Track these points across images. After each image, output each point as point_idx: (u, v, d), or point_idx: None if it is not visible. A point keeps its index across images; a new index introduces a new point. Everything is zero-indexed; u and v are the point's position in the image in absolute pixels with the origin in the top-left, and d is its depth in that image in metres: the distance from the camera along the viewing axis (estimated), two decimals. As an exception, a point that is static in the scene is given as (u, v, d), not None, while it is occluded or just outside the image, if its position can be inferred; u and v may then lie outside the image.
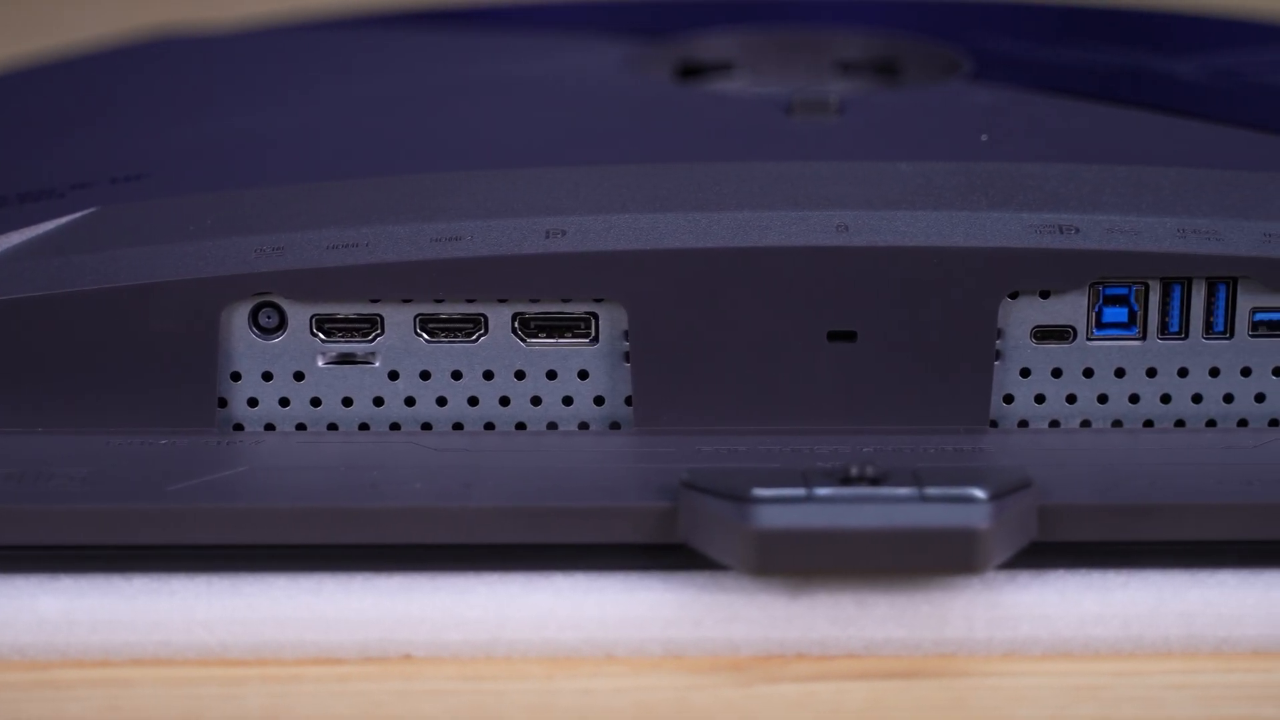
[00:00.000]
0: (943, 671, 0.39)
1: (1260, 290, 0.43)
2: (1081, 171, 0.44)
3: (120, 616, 0.39)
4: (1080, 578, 0.40)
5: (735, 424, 0.43)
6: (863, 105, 0.49)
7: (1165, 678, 0.39)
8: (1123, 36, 0.57)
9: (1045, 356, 0.43)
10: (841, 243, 0.42)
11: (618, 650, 0.39)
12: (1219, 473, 0.41)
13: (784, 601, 0.39)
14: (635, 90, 0.51)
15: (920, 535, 0.38)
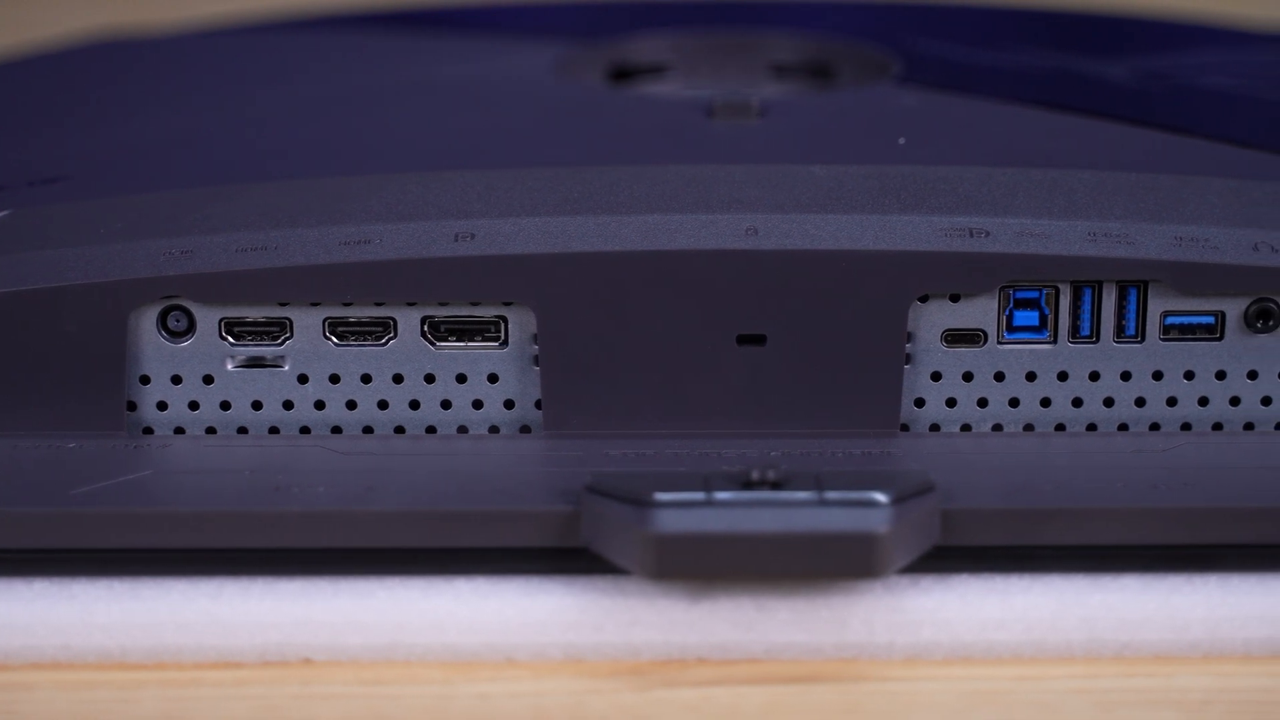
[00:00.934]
0: (842, 676, 0.39)
1: (1171, 294, 0.42)
2: (996, 175, 0.44)
3: (19, 620, 0.39)
4: (983, 582, 0.40)
5: (645, 428, 0.43)
6: (785, 108, 0.49)
7: (1065, 682, 0.39)
8: (1057, 39, 0.57)
9: (956, 360, 0.43)
10: (750, 246, 0.42)
11: (518, 654, 0.39)
12: (1126, 477, 0.41)
13: (684, 606, 0.39)
14: (559, 93, 0.51)
15: (819, 539, 0.38)
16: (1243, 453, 0.42)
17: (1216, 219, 0.43)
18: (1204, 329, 0.43)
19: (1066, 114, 0.49)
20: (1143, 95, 0.52)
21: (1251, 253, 0.42)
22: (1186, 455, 0.42)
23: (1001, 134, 0.47)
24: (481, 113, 0.49)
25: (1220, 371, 0.43)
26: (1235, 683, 0.39)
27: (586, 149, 0.46)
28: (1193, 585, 0.39)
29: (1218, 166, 0.45)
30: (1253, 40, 0.60)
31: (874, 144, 0.46)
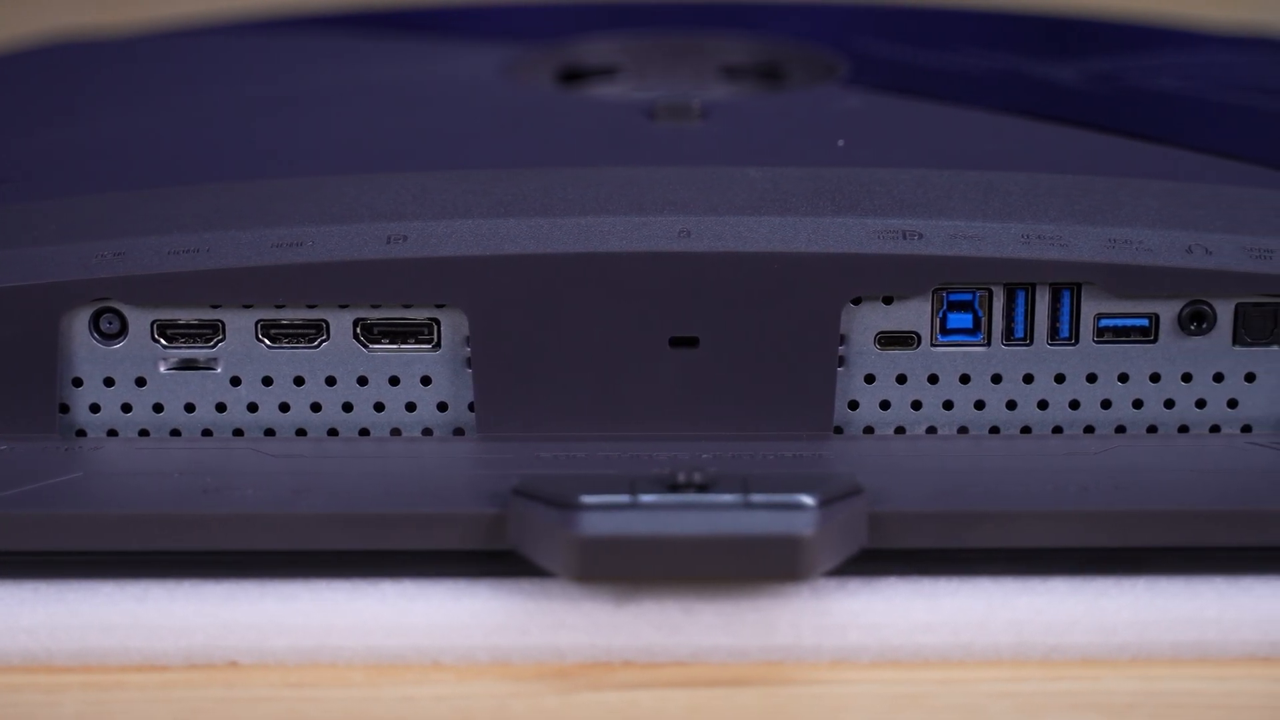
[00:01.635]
0: (768, 679, 0.39)
1: (1105, 296, 0.42)
2: (931, 177, 0.44)
3: (-56, 623, 0.39)
4: (911, 585, 0.39)
5: (578, 430, 0.43)
6: (728, 110, 0.49)
7: (991, 685, 0.38)
8: (1008, 41, 0.57)
9: (890, 362, 0.43)
10: (682, 248, 0.42)
11: (444, 657, 0.39)
12: (1057, 479, 0.41)
13: (610, 609, 0.39)
14: (504, 95, 0.51)
15: (743, 542, 0.38)
16: (1175, 455, 0.42)
17: (1151, 221, 0.43)
18: (1138, 331, 0.43)
19: (1012, 116, 0.49)
20: (1090, 97, 0.51)
21: (1185, 255, 0.42)
22: (1119, 458, 0.42)
23: (942, 136, 0.47)
24: (425, 114, 0.49)
25: (1154, 374, 0.43)
26: (1162, 685, 0.38)
27: (526, 151, 0.46)
28: (1121, 588, 0.39)
29: (1159, 169, 0.45)
30: (1206, 41, 0.60)
31: (813, 146, 0.46)
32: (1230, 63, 0.57)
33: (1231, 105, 0.52)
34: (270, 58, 0.56)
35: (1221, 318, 0.43)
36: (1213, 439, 0.43)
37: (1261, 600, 0.39)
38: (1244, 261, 0.42)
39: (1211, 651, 0.39)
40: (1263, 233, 0.43)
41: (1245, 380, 0.43)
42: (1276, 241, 0.42)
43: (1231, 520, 0.39)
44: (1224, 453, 0.42)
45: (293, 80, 0.53)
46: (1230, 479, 0.41)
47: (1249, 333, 0.43)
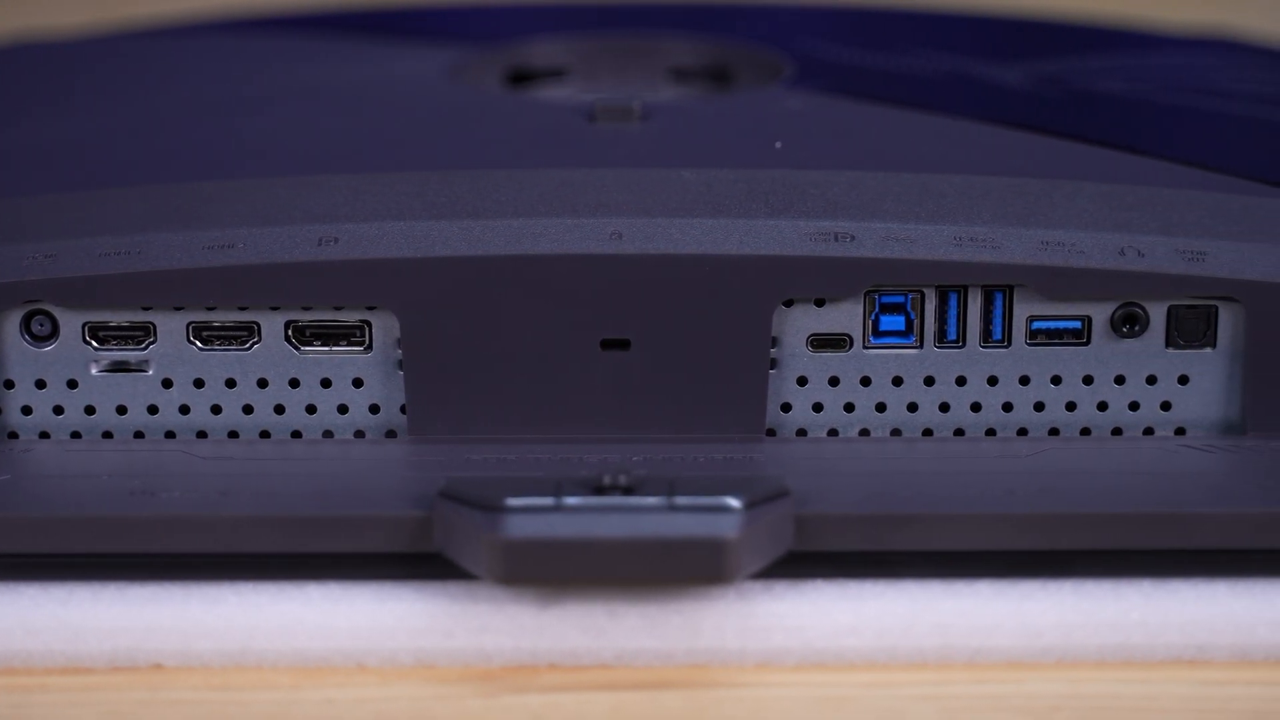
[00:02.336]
0: (693, 682, 0.39)
1: (1037, 298, 0.42)
2: (866, 179, 0.44)
3: None
4: (837, 588, 0.39)
5: (510, 432, 0.43)
6: (669, 112, 0.49)
7: (915, 689, 0.38)
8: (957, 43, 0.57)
9: (822, 365, 0.43)
10: (614, 250, 0.42)
11: (368, 660, 0.39)
12: (986, 482, 0.40)
13: (534, 611, 0.39)
14: (447, 96, 0.51)
15: (667, 545, 0.38)
16: (1107, 458, 0.42)
17: (1085, 223, 0.43)
18: (1070, 334, 0.43)
19: (955, 119, 0.49)
20: (1036, 100, 0.51)
21: (1117, 257, 0.42)
22: (1049, 460, 0.42)
23: (882, 138, 0.47)
24: (367, 116, 0.49)
25: (1087, 376, 0.43)
26: (1086, 689, 0.38)
27: (464, 152, 0.46)
28: (1047, 591, 0.39)
29: (1097, 171, 0.45)
30: (1159, 43, 0.60)
31: (750, 148, 0.46)
32: (1180, 65, 0.57)
33: (1176, 107, 0.52)
34: (213, 60, 0.56)
35: (1154, 320, 0.43)
36: (1145, 441, 0.43)
37: (1187, 603, 0.39)
38: (1176, 264, 0.42)
39: (1136, 654, 0.39)
40: (1196, 235, 0.43)
41: (1179, 382, 0.43)
42: (1210, 244, 0.42)
43: (1158, 523, 0.39)
44: (1156, 455, 0.42)
45: (235, 83, 0.53)
46: (1160, 481, 0.41)
47: (1182, 335, 0.43)
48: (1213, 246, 0.42)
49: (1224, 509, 0.39)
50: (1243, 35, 0.63)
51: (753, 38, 0.56)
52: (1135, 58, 0.57)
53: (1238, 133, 0.50)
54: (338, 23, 0.61)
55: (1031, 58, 0.55)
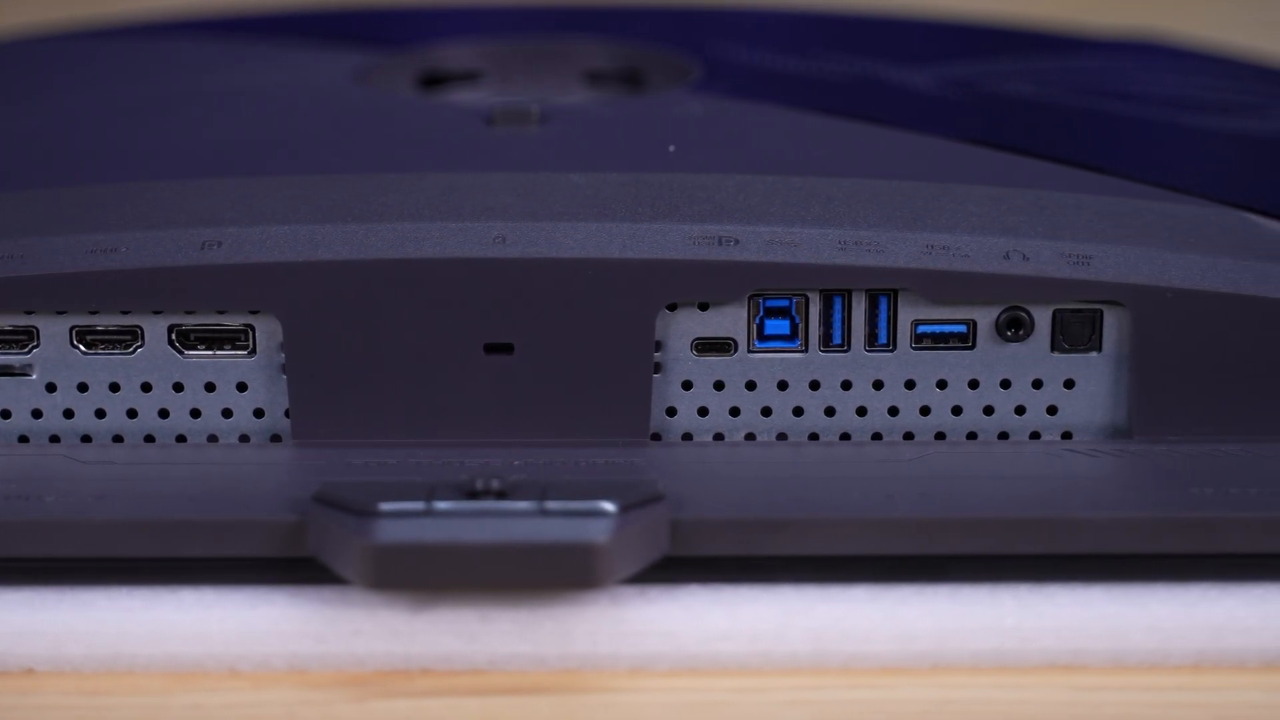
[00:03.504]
0: (565, 687, 0.39)
1: (922, 302, 0.42)
2: (755, 183, 0.44)
3: None
4: (711, 593, 0.39)
5: (394, 436, 0.42)
6: (568, 115, 0.49)
7: (787, 694, 0.38)
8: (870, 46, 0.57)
9: (707, 369, 0.43)
10: (497, 254, 0.42)
11: (241, 665, 0.39)
12: (866, 486, 0.40)
13: (407, 616, 0.39)
14: (348, 99, 0.51)
15: (537, 550, 0.38)
16: (990, 462, 0.42)
17: (971, 227, 0.43)
18: (956, 337, 0.43)
19: (855, 122, 0.49)
20: (943, 103, 0.51)
21: (1002, 261, 0.42)
22: (932, 465, 0.42)
23: (777, 141, 0.47)
24: (267, 119, 0.49)
25: (973, 380, 0.43)
26: (959, 694, 0.38)
27: (358, 156, 0.46)
28: (921, 596, 0.39)
29: (992, 174, 0.45)
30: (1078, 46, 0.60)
31: (644, 152, 0.46)
32: (1096, 68, 0.57)
33: (1082, 111, 0.51)
34: (116, 63, 0.56)
35: (1040, 324, 0.42)
36: (1030, 445, 0.43)
37: (1062, 608, 0.39)
38: (1061, 268, 0.42)
39: (1011, 660, 0.39)
40: (1083, 239, 0.43)
41: (1065, 387, 0.43)
42: (1096, 248, 0.42)
43: (1034, 527, 0.39)
44: (1039, 459, 0.42)
45: (136, 86, 0.53)
46: (1040, 486, 0.41)
47: (1067, 339, 0.42)
48: (1099, 250, 0.42)
49: (1100, 514, 0.39)
50: (1169, 38, 0.63)
51: (669, 41, 0.56)
52: (1051, 61, 0.57)
53: (1140, 136, 0.50)
54: (255, 26, 0.60)
55: (945, 61, 0.55)
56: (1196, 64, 0.60)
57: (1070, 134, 0.50)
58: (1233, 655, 0.39)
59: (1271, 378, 0.42)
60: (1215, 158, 0.49)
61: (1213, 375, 0.42)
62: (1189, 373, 0.42)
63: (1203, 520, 0.39)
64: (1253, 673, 0.39)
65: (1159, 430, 0.42)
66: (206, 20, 0.62)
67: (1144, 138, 0.50)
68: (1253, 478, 0.41)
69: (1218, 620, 0.39)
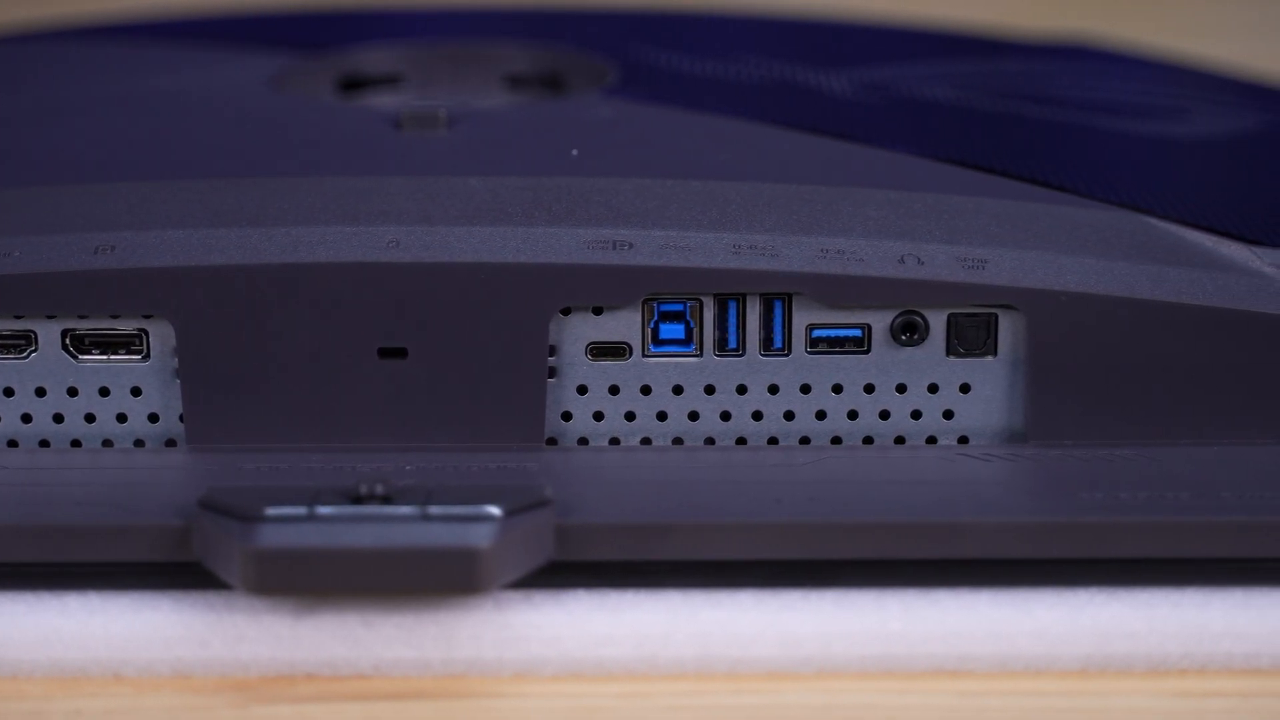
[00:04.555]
0: (448, 692, 0.38)
1: (817, 307, 0.42)
2: (653, 186, 0.44)
3: None
4: (597, 598, 0.39)
5: (289, 441, 0.42)
6: (477, 119, 0.49)
7: (671, 699, 0.38)
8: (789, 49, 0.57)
9: (602, 373, 0.43)
10: (390, 258, 0.42)
11: (125, 670, 0.39)
12: (756, 491, 0.40)
13: (290, 621, 0.39)
14: (259, 103, 0.51)
15: (419, 554, 0.38)
16: (884, 467, 0.42)
17: (866, 231, 0.42)
18: (851, 342, 0.42)
19: (764, 125, 0.49)
20: (855, 107, 0.51)
21: (897, 265, 0.42)
22: (826, 469, 0.41)
23: (682, 145, 0.47)
24: (175, 123, 0.49)
25: (869, 385, 0.43)
26: (844, 699, 0.38)
27: (261, 159, 0.46)
28: (808, 601, 0.39)
29: (894, 178, 0.45)
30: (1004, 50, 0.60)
31: (548, 156, 0.46)
32: (1020, 72, 0.57)
33: (995, 115, 0.51)
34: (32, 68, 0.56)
35: (934, 328, 0.42)
36: (925, 450, 0.43)
37: (948, 614, 0.39)
38: (956, 272, 0.42)
39: (896, 665, 0.39)
40: (979, 243, 0.42)
41: (960, 391, 0.43)
42: (992, 251, 0.42)
43: (919, 532, 0.39)
44: (933, 464, 0.42)
45: (47, 90, 0.53)
46: (930, 491, 0.40)
47: (962, 343, 0.42)
48: (995, 254, 0.42)
49: (987, 519, 0.39)
50: (1102, 43, 0.63)
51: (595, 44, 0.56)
52: (974, 65, 0.57)
53: (1051, 140, 0.50)
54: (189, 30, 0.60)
55: (867, 65, 0.55)
56: (1124, 68, 0.60)
57: (981, 138, 0.49)
58: (1119, 660, 0.39)
59: (1166, 381, 0.42)
60: (1121, 161, 0.48)
61: (1108, 379, 0.42)
62: (1084, 376, 0.42)
63: (1089, 525, 0.39)
64: (1139, 677, 0.39)
65: (1055, 434, 0.42)
66: (138, 24, 0.62)
67: (1054, 142, 0.50)
68: (1144, 482, 0.41)
69: (1104, 625, 0.39)
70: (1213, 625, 0.39)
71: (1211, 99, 0.57)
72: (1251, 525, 0.39)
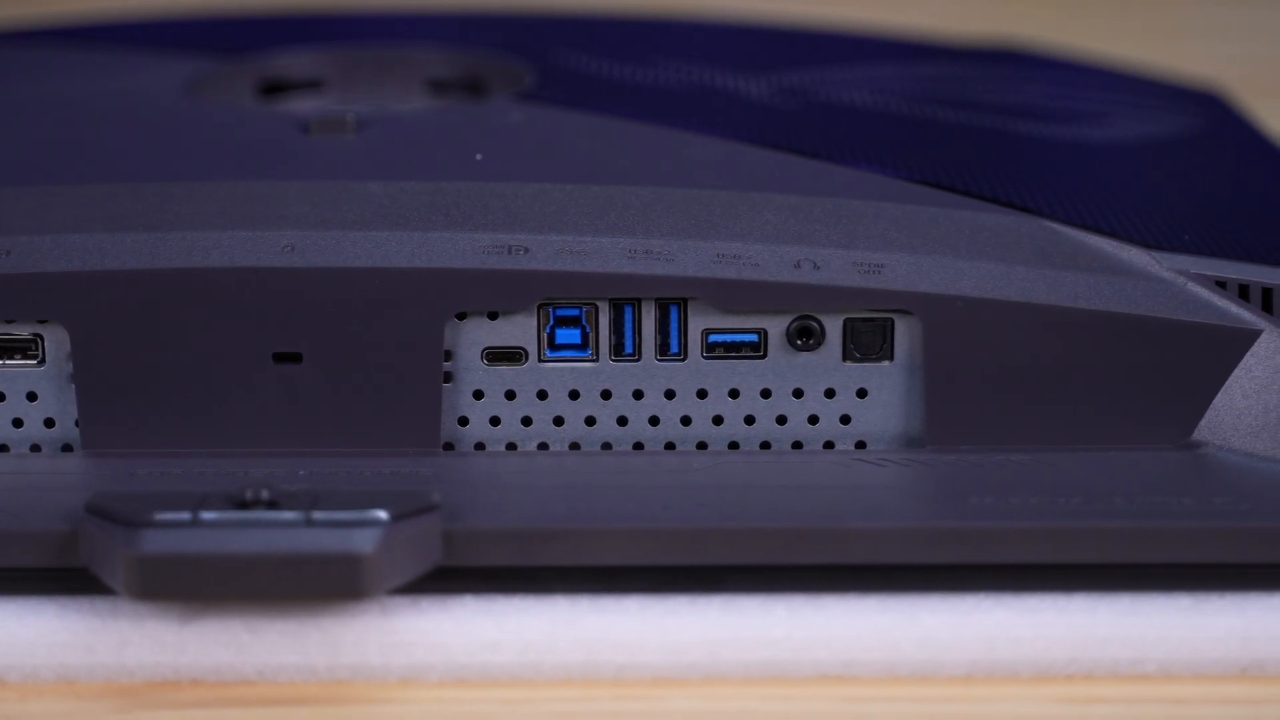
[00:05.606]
0: (334, 698, 0.38)
1: (713, 312, 0.42)
2: (553, 191, 0.44)
3: None
4: (484, 603, 0.39)
5: (184, 446, 0.42)
6: (386, 124, 0.48)
7: (555, 705, 0.38)
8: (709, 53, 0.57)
9: (498, 378, 0.43)
10: (285, 264, 0.42)
11: (9, 676, 0.39)
12: (647, 496, 0.40)
13: (175, 627, 0.39)
14: (168, 107, 0.51)
15: (303, 560, 0.38)
16: (778, 472, 0.42)
17: (764, 236, 0.42)
18: (747, 347, 0.42)
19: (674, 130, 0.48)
20: (769, 111, 0.51)
21: (793, 270, 0.42)
22: (721, 474, 0.41)
23: (588, 150, 0.47)
24: (81, 127, 0.49)
25: (765, 390, 0.43)
26: (729, 705, 0.38)
27: (162, 164, 0.46)
28: (694, 606, 0.39)
29: (797, 183, 0.45)
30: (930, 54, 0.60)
31: (452, 160, 0.46)
32: (942, 76, 0.57)
33: (910, 119, 0.51)
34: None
35: (831, 333, 0.42)
36: (821, 455, 0.43)
37: (834, 619, 0.39)
38: (852, 277, 0.42)
39: (782, 671, 0.39)
40: (877, 248, 0.42)
41: (857, 396, 0.43)
42: (889, 256, 0.42)
43: (805, 538, 0.39)
44: (828, 469, 0.42)
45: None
46: (822, 495, 0.40)
47: (858, 348, 0.42)
48: (892, 259, 0.42)
49: (874, 524, 0.39)
50: (1032, 47, 0.63)
51: (515, 48, 0.56)
52: (896, 69, 0.56)
53: (962, 144, 0.50)
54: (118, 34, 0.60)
55: (786, 69, 0.55)
56: (1051, 73, 0.60)
57: (893, 143, 0.49)
58: (1005, 666, 0.39)
59: (1063, 386, 0.42)
60: (1029, 166, 0.48)
61: (1005, 384, 0.42)
62: (981, 382, 0.42)
63: (976, 531, 0.39)
64: (1024, 683, 0.39)
65: (952, 439, 0.42)
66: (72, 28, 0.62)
67: (964, 146, 0.50)
68: (1037, 487, 0.40)
69: (990, 631, 0.39)
70: (1099, 631, 0.39)
71: (1136, 103, 0.57)
72: (1138, 530, 0.39)
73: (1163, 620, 0.39)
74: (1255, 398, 0.42)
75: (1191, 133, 0.55)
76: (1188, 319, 0.42)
